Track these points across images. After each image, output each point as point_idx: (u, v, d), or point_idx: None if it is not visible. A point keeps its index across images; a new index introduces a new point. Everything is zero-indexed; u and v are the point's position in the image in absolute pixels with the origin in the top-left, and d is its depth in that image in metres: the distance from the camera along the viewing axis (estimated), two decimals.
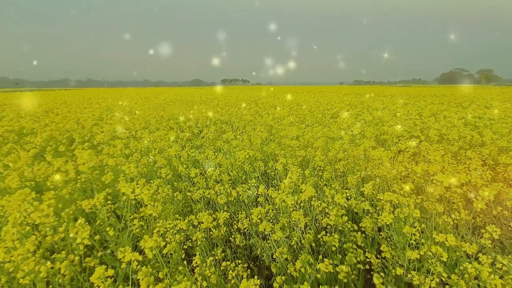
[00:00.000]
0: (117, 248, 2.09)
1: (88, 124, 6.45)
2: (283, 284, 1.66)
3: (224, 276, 2.01)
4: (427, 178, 2.67)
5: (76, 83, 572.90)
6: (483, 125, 5.28)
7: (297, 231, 2.33)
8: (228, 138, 4.62)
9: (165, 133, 5.56)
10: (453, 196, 2.16)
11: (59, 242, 2.00)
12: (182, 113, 9.04)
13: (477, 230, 2.34)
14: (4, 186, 2.73)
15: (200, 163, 4.16)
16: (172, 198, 3.02)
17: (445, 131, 4.76)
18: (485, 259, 1.58)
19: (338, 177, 3.48)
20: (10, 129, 5.85)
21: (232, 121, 7.72)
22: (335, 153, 3.54)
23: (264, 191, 2.61)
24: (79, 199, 2.86)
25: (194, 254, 2.26)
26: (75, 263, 1.64)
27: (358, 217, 2.76)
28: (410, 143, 3.32)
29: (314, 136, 4.52)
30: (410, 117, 6.92)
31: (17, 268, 1.50)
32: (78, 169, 2.93)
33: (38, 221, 1.83)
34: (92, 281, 1.35)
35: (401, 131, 4.79)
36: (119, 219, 2.38)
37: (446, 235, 1.66)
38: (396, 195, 1.95)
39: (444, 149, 3.77)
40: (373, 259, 1.93)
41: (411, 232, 1.80)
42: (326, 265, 1.69)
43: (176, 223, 2.24)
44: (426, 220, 2.22)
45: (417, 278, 1.67)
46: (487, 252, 2.07)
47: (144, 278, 1.40)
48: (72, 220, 2.16)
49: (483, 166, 3.07)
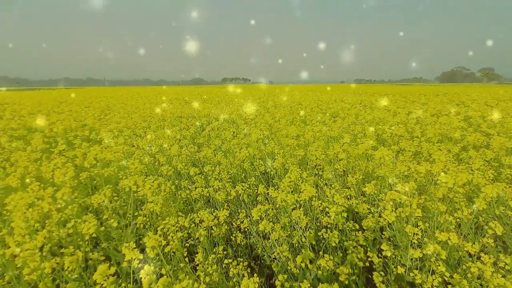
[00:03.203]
0: (121, 243, 2.11)
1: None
2: (285, 282, 1.67)
3: (226, 274, 2.01)
4: (429, 178, 2.66)
5: (76, 82, 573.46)
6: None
7: (298, 229, 2.33)
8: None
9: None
10: (456, 196, 2.15)
11: (65, 238, 2.02)
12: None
13: (480, 229, 2.34)
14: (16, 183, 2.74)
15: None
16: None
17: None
18: (487, 259, 1.58)
19: (339, 176, 3.48)
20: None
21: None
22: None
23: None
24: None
25: (195, 252, 2.27)
26: (80, 260, 1.65)
27: (359, 217, 2.76)
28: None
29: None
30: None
31: (25, 264, 1.52)
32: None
33: (47, 208, 1.83)
34: (95, 278, 1.35)
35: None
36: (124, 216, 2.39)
37: (448, 233, 1.66)
38: (399, 194, 1.95)
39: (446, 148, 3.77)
40: (374, 258, 1.93)
41: (413, 231, 1.79)
42: (327, 260, 1.70)
43: (178, 220, 2.25)
44: (429, 219, 2.22)
45: (419, 277, 1.67)
46: (489, 251, 2.07)
47: (146, 277, 1.41)
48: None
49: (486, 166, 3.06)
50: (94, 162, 3.16)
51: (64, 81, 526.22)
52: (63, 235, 1.94)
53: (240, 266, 1.91)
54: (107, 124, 6.76)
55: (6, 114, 8.44)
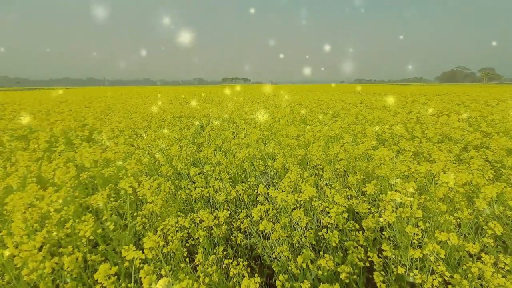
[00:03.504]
0: (119, 244, 2.11)
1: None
2: (285, 282, 1.67)
3: (226, 274, 2.01)
4: (429, 178, 2.66)
5: (76, 82, 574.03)
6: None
7: (298, 229, 2.33)
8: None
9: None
10: (456, 196, 2.15)
11: (65, 238, 2.02)
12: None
13: (480, 229, 2.34)
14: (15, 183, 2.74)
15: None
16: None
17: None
18: (488, 259, 1.57)
19: (339, 176, 3.48)
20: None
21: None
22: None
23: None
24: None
25: (195, 252, 2.27)
26: (79, 260, 1.65)
27: (359, 217, 2.76)
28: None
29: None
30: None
31: (25, 264, 1.52)
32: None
33: (45, 209, 1.84)
34: (96, 278, 1.35)
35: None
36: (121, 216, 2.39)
37: (448, 234, 1.66)
38: (399, 194, 1.95)
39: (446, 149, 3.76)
40: (375, 258, 1.93)
41: (413, 231, 1.79)
42: (327, 260, 1.70)
43: (177, 220, 2.25)
44: (429, 219, 2.22)
45: (419, 277, 1.66)
46: (489, 251, 2.07)
47: (146, 277, 1.41)
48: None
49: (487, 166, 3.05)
50: (94, 162, 3.16)
51: (64, 81, 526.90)
52: (62, 235, 1.94)
53: (240, 266, 1.91)
54: (107, 124, 6.76)
55: (6, 114, 8.45)
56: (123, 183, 2.21)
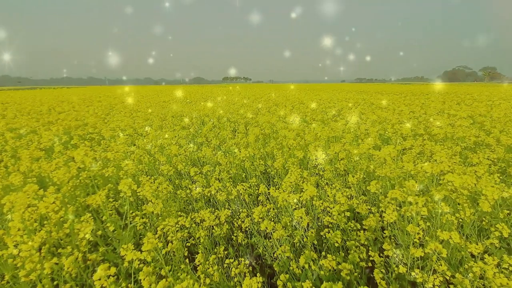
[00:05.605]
0: (119, 245, 2.10)
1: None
2: (287, 282, 1.66)
3: (227, 274, 2.01)
4: (432, 178, 2.64)
5: (77, 81, 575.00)
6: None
7: (299, 229, 2.32)
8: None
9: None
10: (460, 197, 2.13)
11: (64, 238, 2.01)
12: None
13: (483, 231, 2.32)
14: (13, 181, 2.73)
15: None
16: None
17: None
18: (491, 260, 1.55)
19: (340, 176, 3.46)
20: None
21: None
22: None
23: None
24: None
25: (196, 252, 2.26)
26: (79, 260, 1.65)
27: (360, 216, 2.75)
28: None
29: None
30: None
31: (24, 265, 1.51)
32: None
33: (44, 211, 1.82)
34: (95, 279, 1.35)
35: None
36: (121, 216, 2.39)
37: (450, 233, 1.64)
38: (401, 193, 1.93)
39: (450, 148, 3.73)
40: (376, 257, 1.92)
41: (415, 231, 1.78)
42: (329, 260, 1.70)
43: (178, 220, 2.24)
44: (432, 218, 2.20)
45: (420, 276, 1.65)
46: (493, 252, 2.05)
47: (146, 278, 1.40)
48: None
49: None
50: (94, 162, 3.15)
51: (65, 80, 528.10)
52: (62, 235, 1.93)
53: (242, 265, 1.90)
54: (109, 123, 6.77)
55: (8, 114, 8.47)
56: (121, 185, 2.18)
